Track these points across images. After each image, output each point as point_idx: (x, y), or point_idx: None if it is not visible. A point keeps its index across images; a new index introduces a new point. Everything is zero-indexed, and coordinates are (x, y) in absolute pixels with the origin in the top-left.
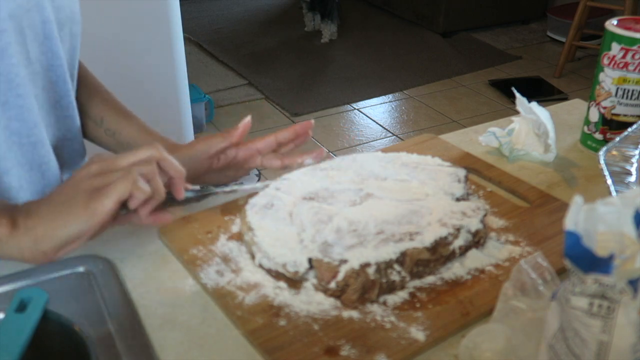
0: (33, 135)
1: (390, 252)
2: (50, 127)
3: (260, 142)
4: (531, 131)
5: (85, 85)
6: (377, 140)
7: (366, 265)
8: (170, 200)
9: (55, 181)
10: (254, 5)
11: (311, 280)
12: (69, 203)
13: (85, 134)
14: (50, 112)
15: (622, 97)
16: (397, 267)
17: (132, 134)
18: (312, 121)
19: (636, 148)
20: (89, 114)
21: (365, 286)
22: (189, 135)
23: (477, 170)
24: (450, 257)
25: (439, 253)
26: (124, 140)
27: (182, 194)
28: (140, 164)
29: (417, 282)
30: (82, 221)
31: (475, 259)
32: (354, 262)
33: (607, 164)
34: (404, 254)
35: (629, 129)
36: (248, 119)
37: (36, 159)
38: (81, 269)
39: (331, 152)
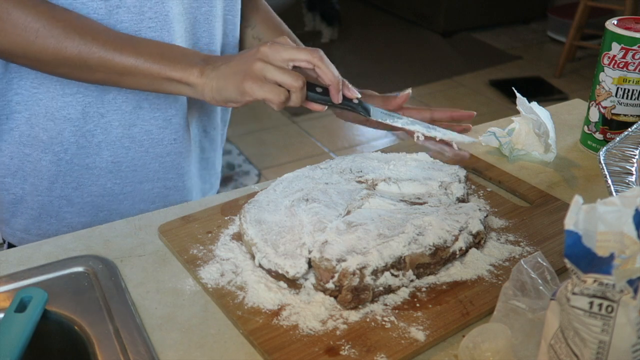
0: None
1: (390, 254)
2: None
3: (416, 113)
4: (531, 131)
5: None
6: (377, 140)
7: (364, 266)
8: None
9: None
10: None
11: (311, 280)
12: (233, 74)
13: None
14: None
15: (622, 97)
16: (394, 271)
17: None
18: (474, 113)
19: (636, 148)
20: (244, 15)
21: (359, 287)
22: None
23: (477, 170)
24: (451, 258)
25: (439, 256)
26: None
27: (337, 99)
28: (298, 61)
29: (417, 282)
30: (235, 94)
31: (475, 259)
32: (352, 263)
33: (607, 164)
34: (404, 258)
35: (629, 129)
36: (409, 91)
37: None
38: (81, 269)
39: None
